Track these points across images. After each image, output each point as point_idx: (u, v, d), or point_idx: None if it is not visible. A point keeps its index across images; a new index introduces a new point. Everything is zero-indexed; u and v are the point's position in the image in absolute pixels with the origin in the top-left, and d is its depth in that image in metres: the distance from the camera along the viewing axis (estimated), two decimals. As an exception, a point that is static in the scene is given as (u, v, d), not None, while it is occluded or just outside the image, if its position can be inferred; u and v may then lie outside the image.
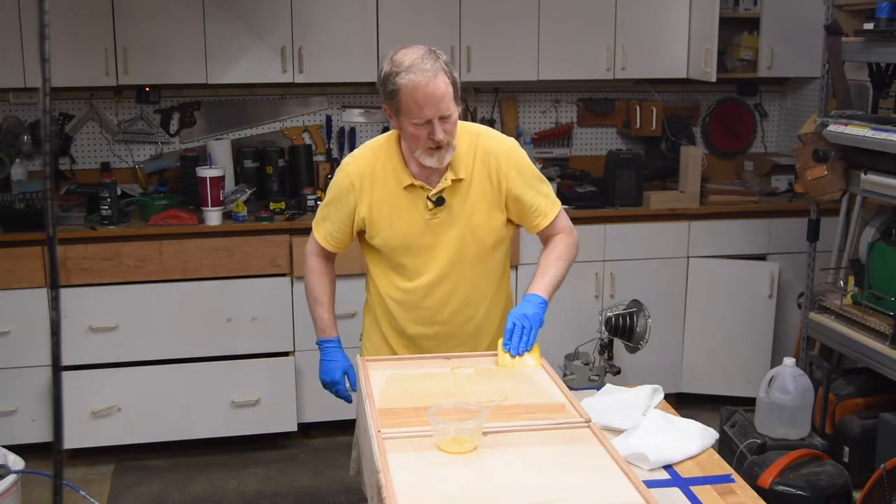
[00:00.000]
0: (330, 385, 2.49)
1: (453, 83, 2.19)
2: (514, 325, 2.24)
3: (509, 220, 2.39)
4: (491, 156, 2.32)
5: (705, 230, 4.30)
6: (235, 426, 3.97)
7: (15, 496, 2.89)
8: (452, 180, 2.29)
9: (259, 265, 3.89)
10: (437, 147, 2.20)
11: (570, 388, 2.20)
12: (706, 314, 4.35)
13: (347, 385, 2.50)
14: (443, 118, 2.17)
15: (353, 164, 2.36)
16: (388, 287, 2.43)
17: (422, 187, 2.30)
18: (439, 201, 2.31)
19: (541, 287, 2.32)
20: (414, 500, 1.63)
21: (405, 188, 2.31)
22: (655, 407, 2.28)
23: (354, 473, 2.57)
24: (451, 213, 2.32)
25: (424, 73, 2.13)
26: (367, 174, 2.33)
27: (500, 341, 2.26)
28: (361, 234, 2.43)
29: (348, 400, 2.51)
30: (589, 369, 2.64)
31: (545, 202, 2.39)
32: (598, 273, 4.22)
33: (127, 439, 3.89)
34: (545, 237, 2.45)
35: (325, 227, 2.44)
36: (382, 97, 2.23)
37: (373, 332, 2.54)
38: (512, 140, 2.39)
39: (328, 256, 2.52)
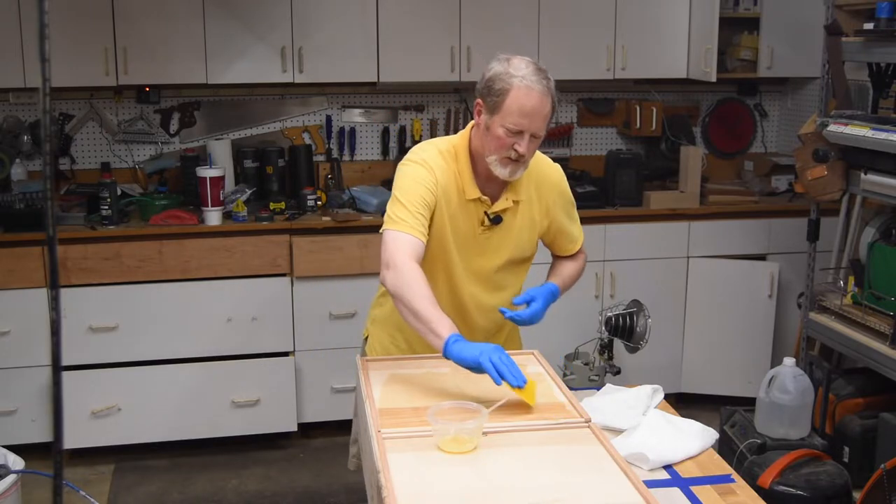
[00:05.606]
0: (483, 356, 1.99)
1: (553, 108, 2.19)
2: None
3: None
4: (544, 182, 2.37)
5: (705, 230, 4.30)
6: (235, 426, 3.97)
7: (15, 496, 2.90)
8: (513, 201, 2.30)
9: (259, 265, 3.88)
10: (515, 160, 2.19)
11: (570, 388, 2.20)
12: (706, 314, 4.35)
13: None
14: (534, 136, 2.18)
15: (432, 161, 2.26)
16: None
17: (482, 201, 2.29)
18: (496, 220, 2.30)
19: (557, 280, 2.41)
20: (414, 500, 1.64)
21: (469, 200, 2.28)
22: (655, 407, 2.29)
23: (354, 468, 2.58)
24: (500, 231, 2.33)
25: (540, 85, 2.15)
26: (442, 175, 2.26)
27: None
28: None
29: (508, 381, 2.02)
30: (589, 369, 2.65)
31: (577, 229, 2.50)
32: (598, 273, 4.22)
33: (127, 439, 3.89)
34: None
35: (416, 222, 2.18)
36: (481, 93, 2.21)
37: (387, 323, 2.48)
38: (558, 166, 2.45)
39: (419, 257, 2.19)
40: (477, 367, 1.97)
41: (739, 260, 4.34)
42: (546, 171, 2.39)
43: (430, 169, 2.24)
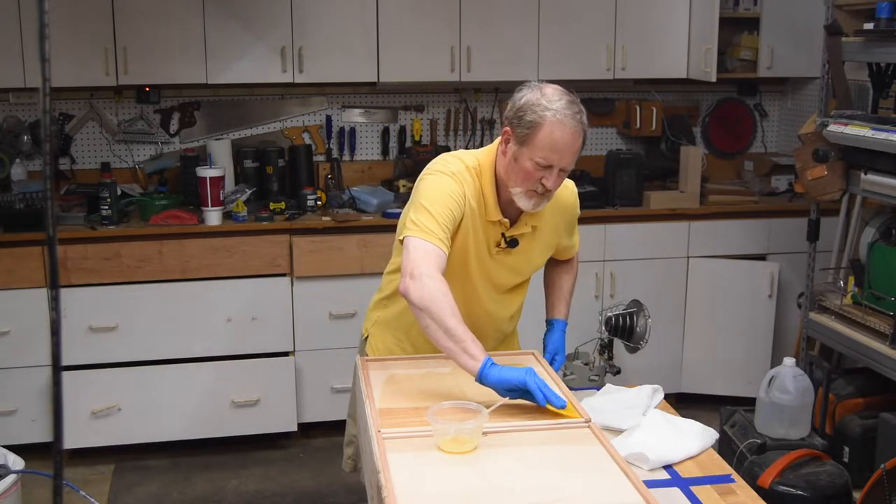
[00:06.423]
0: (528, 376, 1.97)
1: (583, 142, 2.15)
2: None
3: None
4: (561, 206, 2.36)
5: (705, 230, 4.30)
6: (235, 426, 3.97)
7: (15, 496, 2.90)
8: (532, 226, 2.29)
9: (259, 265, 3.88)
10: (541, 194, 2.16)
11: (570, 388, 2.20)
12: (706, 314, 4.35)
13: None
14: (562, 171, 2.14)
15: (461, 176, 2.22)
16: None
17: (501, 223, 2.27)
18: (512, 243, 2.29)
19: (563, 312, 2.57)
20: (414, 500, 1.64)
21: (489, 221, 2.26)
22: (655, 407, 2.29)
23: (350, 469, 2.58)
24: (515, 254, 2.32)
25: (574, 120, 2.09)
26: (469, 191, 2.23)
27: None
28: None
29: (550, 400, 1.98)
30: (589, 369, 2.64)
31: (577, 236, 2.53)
32: (598, 273, 4.22)
33: (127, 439, 3.89)
34: None
35: (442, 234, 2.12)
36: (510, 121, 2.14)
37: (393, 327, 2.46)
38: (572, 184, 2.42)
39: (442, 270, 2.10)
40: (522, 390, 1.93)
41: (739, 260, 4.34)
42: (564, 196, 2.36)
43: (459, 184, 2.19)
